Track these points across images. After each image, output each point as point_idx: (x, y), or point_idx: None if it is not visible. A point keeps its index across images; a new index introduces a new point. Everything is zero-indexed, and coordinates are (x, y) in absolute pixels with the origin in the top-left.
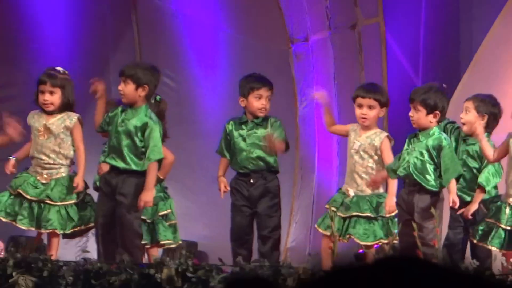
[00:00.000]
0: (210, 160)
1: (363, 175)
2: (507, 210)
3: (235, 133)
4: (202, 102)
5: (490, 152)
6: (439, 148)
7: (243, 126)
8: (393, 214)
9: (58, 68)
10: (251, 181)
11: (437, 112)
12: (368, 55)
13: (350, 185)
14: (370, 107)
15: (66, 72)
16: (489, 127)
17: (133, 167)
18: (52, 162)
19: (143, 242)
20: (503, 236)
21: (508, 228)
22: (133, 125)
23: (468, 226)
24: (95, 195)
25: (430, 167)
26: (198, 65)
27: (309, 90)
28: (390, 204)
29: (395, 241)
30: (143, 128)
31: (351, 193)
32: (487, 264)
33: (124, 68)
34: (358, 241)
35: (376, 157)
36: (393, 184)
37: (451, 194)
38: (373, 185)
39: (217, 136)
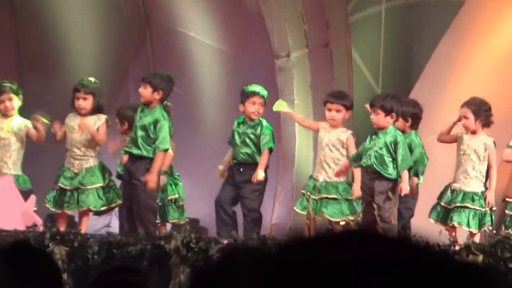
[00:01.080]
0: (211, 152)
1: (331, 164)
2: (448, 192)
3: (235, 130)
4: (205, 106)
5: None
6: (395, 144)
7: (241, 126)
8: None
9: (90, 78)
10: (241, 170)
11: (393, 114)
12: (338, 68)
13: (320, 172)
14: (337, 111)
15: (97, 81)
16: (415, 125)
17: (144, 152)
18: (82, 154)
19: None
20: (439, 210)
21: (446, 205)
22: (148, 121)
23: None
24: (117, 182)
25: (387, 159)
26: (201, 76)
27: (290, 97)
28: (357, 190)
29: (358, 219)
30: (155, 123)
31: (321, 178)
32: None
33: (146, 74)
34: (329, 218)
35: (342, 150)
36: (358, 174)
37: (402, 183)
38: (340, 174)
39: (216, 133)
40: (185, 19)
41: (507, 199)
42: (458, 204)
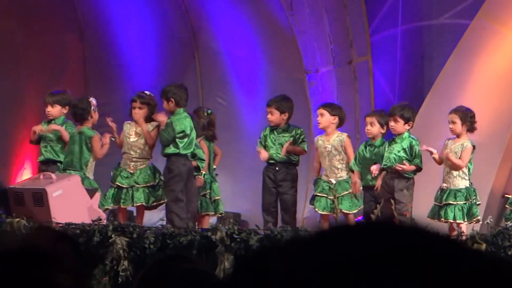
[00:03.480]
0: (251, 155)
1: (339, 166)
2: (439, 192)
3: (269, 136)
4: (245, 115)
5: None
6: (410, 147)
7: (274, 132)
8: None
9: (145, 91)
10: (277, 169)
11: (410, 122)
12: (360, 82)
13: (331, 176)
14: (321, 114)
15: (152, 94)
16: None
17: (170, 151)
18: (137, 156)
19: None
20: (433, 209)
21: (438, 204)
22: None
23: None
24: None
25: (405, 160)
26: (242, 89)
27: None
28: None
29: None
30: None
31: (333, 181)
32: None
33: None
34: (347, 211)
35: (343, 152)
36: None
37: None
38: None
39: (256, 138)
40: (228, 40)
41: (506, 195)
42: (444, 202)
